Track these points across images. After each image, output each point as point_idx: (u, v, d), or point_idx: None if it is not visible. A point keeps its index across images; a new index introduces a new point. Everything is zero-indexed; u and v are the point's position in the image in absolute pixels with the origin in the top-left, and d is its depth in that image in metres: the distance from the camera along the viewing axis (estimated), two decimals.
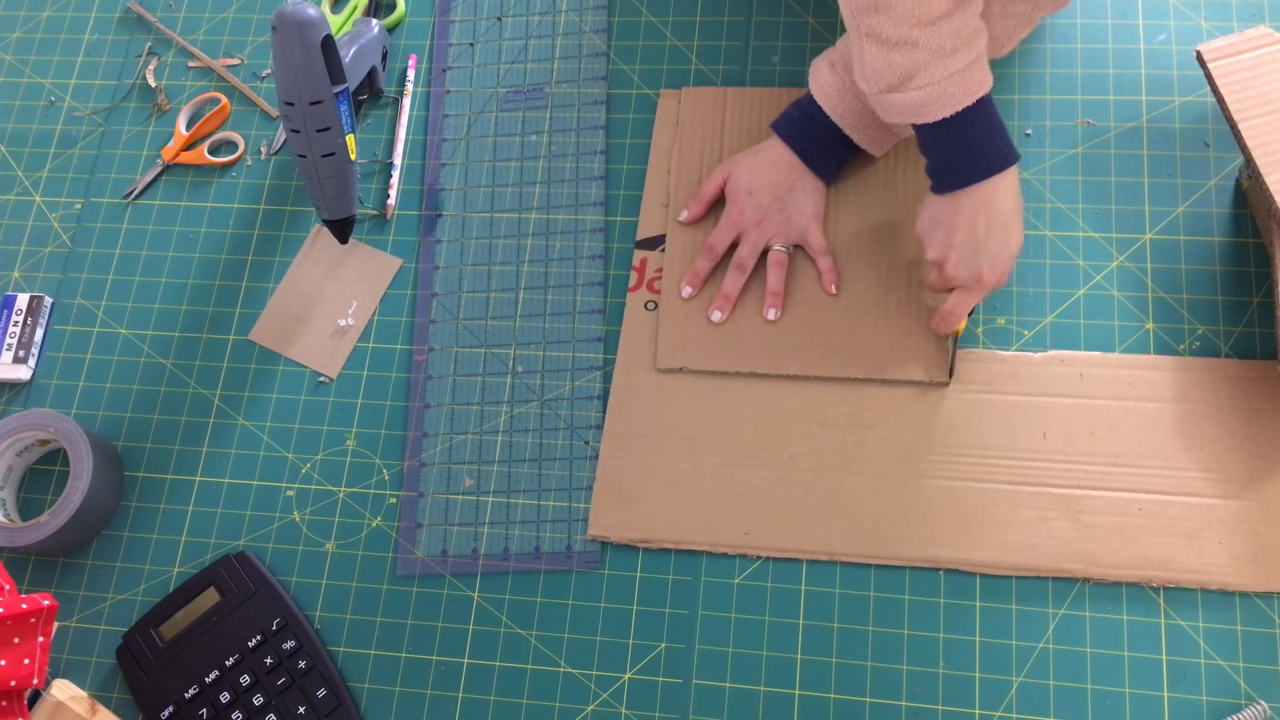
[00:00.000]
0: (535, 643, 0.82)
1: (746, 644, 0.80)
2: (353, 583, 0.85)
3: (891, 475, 0.82)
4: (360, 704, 0.82)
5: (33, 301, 0.96)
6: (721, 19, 0.99)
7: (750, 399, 0.85)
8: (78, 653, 0.86)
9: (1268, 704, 0.74)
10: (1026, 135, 0.91)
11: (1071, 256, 0.88)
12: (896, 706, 0.77)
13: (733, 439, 0.84)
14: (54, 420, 0.87)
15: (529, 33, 1.02)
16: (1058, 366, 0.84)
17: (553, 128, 0.98)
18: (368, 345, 0.92)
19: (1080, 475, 0.80)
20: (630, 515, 0.83)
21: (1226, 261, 0.86)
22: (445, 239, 0.95)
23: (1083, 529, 0.79)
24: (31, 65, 1.08)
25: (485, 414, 0.89)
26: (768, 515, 0.82)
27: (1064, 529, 0.79)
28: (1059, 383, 0.83)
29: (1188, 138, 0.90)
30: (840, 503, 0.82)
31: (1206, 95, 0.90)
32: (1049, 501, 0.80)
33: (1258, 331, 0.84)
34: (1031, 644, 0.78)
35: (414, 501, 0.87)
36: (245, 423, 0.91)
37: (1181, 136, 0.90)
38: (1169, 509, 0.79)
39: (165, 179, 1.01)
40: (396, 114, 1.00)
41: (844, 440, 0.83)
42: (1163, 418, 0.81)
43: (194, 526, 0.88)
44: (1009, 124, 0.88)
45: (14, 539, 0.84)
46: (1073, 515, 0.79)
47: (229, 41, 1.06)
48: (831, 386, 0.85)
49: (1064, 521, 0.79)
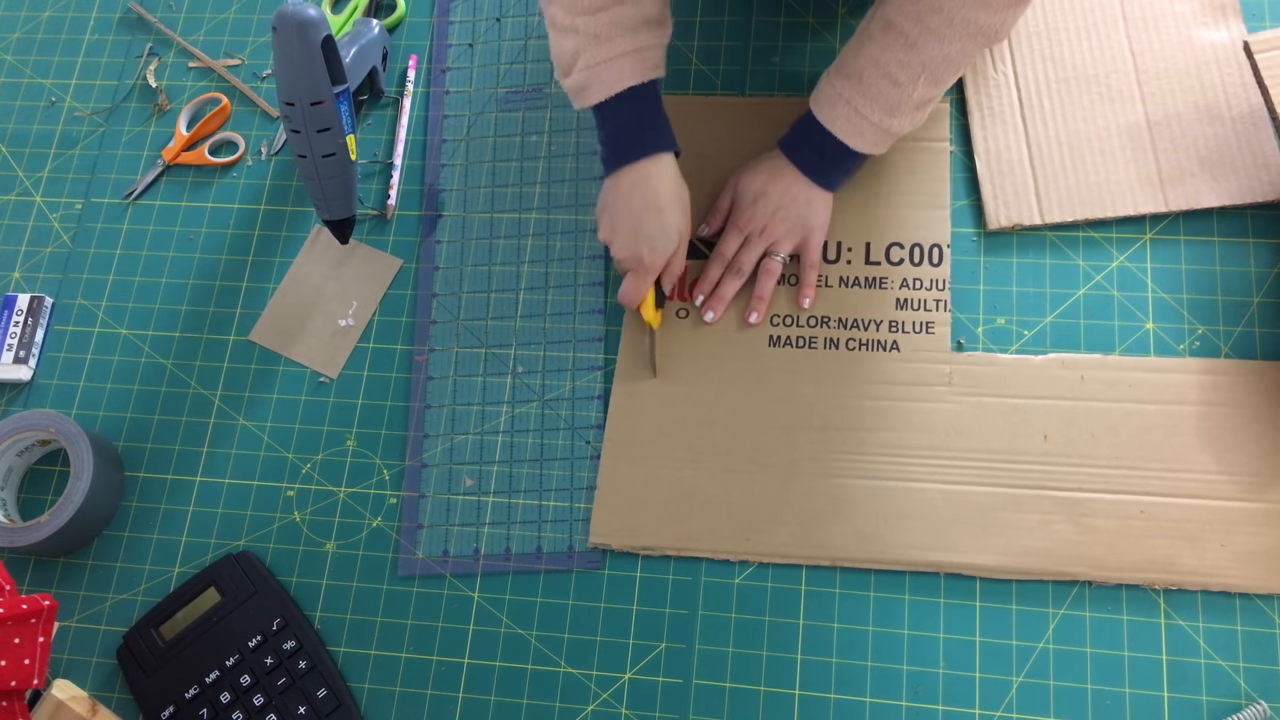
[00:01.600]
0: (535, 643, 0.82)
1: (746, 644, 0.80)
2: (353, 583, 0.85)
3: (892, 479, 0.82)
4: (360, 704, 0.82)
5: (33, 302, 0.96)
6: (721, 19, 0.99)
7: (750, 405, 0.85)
8: (78, 653, 0.86)
9: (1268, 704, 0.74)
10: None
11: (1071, 256, 0.88)
12: (896, 706, 0.77)
13: (732, 445, 0.84)
14: (54, 420, 0.87)
15: (529, 33, 1.02)
16: (1058, 369, 0.84)
17: (553, 128, 0.98)
18: (368, 345, 0.92)
19: (1082, 478, 0.80)
20: (631, 523, 0.83)
21: (1226, 262, 0.86)
22: (445, 239, 0.95)
23: (1085, 532, 0.79)
24: (32, 66, 1.08)
25: (486, 414, 0.89)
26: (768, 521, 0.82)
27: (1066, 532, 0.79)
28: (1060, 385, 0.83)
29: None
30: (841, 508, 0.82)
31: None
32: (1051, 504, 0.80)
33: (1258, 331, 0.84)
34: (1031, 644, 0.78)
35: (415, 502, 0.87)
36: (246, 423, 0.91)
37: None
38: (1171, 511, 0.79)
39: (166, 179, 1.01)
40: (397, 114, 1.01)
41: (845, 444, 0.83)
42: (1164, 420, 0.81)
43: (194, 526, 0.88)
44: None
45: (14, 539, 0.84)
46: (1075, 518, 0.79)
47: (229, 42, 1.06)
48: (830, 391, 0.85)
49: (1066, 525, 0.79)
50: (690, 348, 0.88)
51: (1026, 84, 0.92)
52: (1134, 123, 0.89)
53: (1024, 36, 0.93)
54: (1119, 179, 0.88)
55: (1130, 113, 0.90)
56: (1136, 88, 0.90)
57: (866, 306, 0.87)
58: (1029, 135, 0.90)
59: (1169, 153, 0.88)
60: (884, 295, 0.87)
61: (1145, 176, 0.88)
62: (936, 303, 0.86)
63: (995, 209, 0.89)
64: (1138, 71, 0.91)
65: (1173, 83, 0.90)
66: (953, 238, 0.89)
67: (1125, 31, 0.92)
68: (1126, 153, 0.89)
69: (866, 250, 0.89)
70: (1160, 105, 0.90)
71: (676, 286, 0.89)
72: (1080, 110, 0.90)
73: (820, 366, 0.86)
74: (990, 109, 0.92)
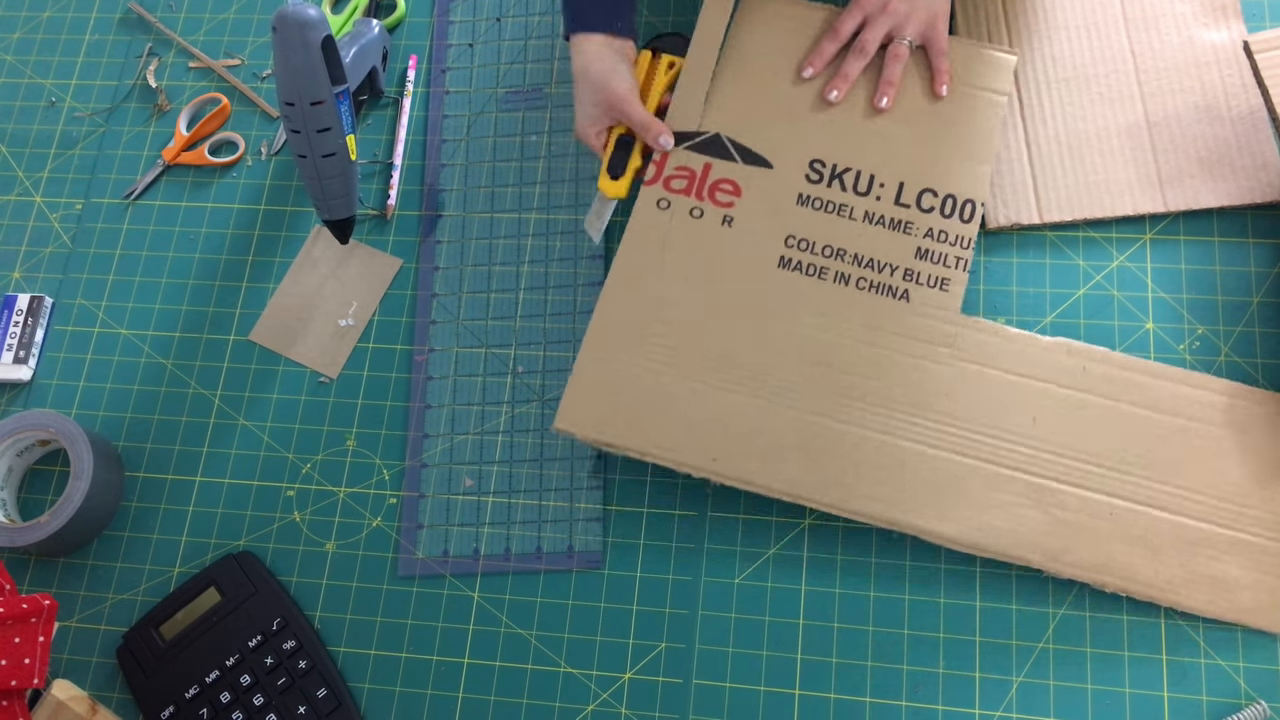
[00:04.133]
0: (535, 643, 0.82)
1: (746, 644, 0.80)
2: (353, 583, 0.85)
3: (871, 430, 0.80)
4: (360, 704, 0.82)
5: (33, 302, 0.96)
6: None
7: (745, 323, 0.82)
8: (78, 653, 0.86)
9: (1267, 704, 0.74)
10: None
11: (1071, 256, 0.88)
12: (896, 706, 0.77)
13: (718, 359, 0.81)
14: (54, 420, 0.87)
15: (528, 33, 1.02)
16: (1063, 355, 0.82)
17: (552, 128, 0.98)
18: (368, 345, 0.92)
19: (1061, 468, 0.79)
20: (601, 416, 0.81)
21: (1226, 262, 0.86)
22: (445, 239, 0.95)
23: (1052, 522, 0.78)
24: (32, 66, 1.08)
25: (486, 414, 0.89)
26: (739, 445, 0.79)
27: (1032, 518, 0.78)
28: (1061, 371, 0.81)
29: None
30: (815, 446, 0.79)
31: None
32: (1024, 488, 0.78)
33: (1258, 331, 0.84)
34: (1031, 644, 0.78)
35: (415, 502, 0.87)
36: (246, 423, 0.91)
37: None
38: (1140, 519, 0.78)
39: (166, 179, 1.01)
40: (397, 114, 1.01)
41: (834, 384, 0.81)
42: (1156, 429, 0.80)
43: (194, 526, 0.88)
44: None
45: (14, 539, 0.84)
46: (1045, 507, 0.78)
47: (229, 42, 1.06)
48: (830, 326, 0.82)
49: (1035, 511, 0.78)
50: (698, 250, 0.85)
51: (1026, 83, 0.92)
52: (1134, 123, 0.89)
53: (1024, 36, 0.93)
54: (1118, 179, 0.88)
55: (1130, 113, 0.90)
56: (1136, 87, 0.90)
57: (886, 248, 0.84)
58: (1028, 135, 0.90)
59: (1168, 153, 0.88)
60: (906, 241, 0.85)
61: (1144, 176, 0.88)
62: (957, 260, 0.84)
63: (995, 208, 0.89)
64: (1138, 71, 0.91)
65: (1173, 83, 0.90)
66: None
67: (1125, 31, 0.92)
68: (1126, 152, 0.89)
69: (899, 190, 0.86)
70: (1160, 105, 0.90)
71: (656, 169, 0.87)
72: (1080, 110, 0.90)
73: (826, 299, 0.83)
74: None
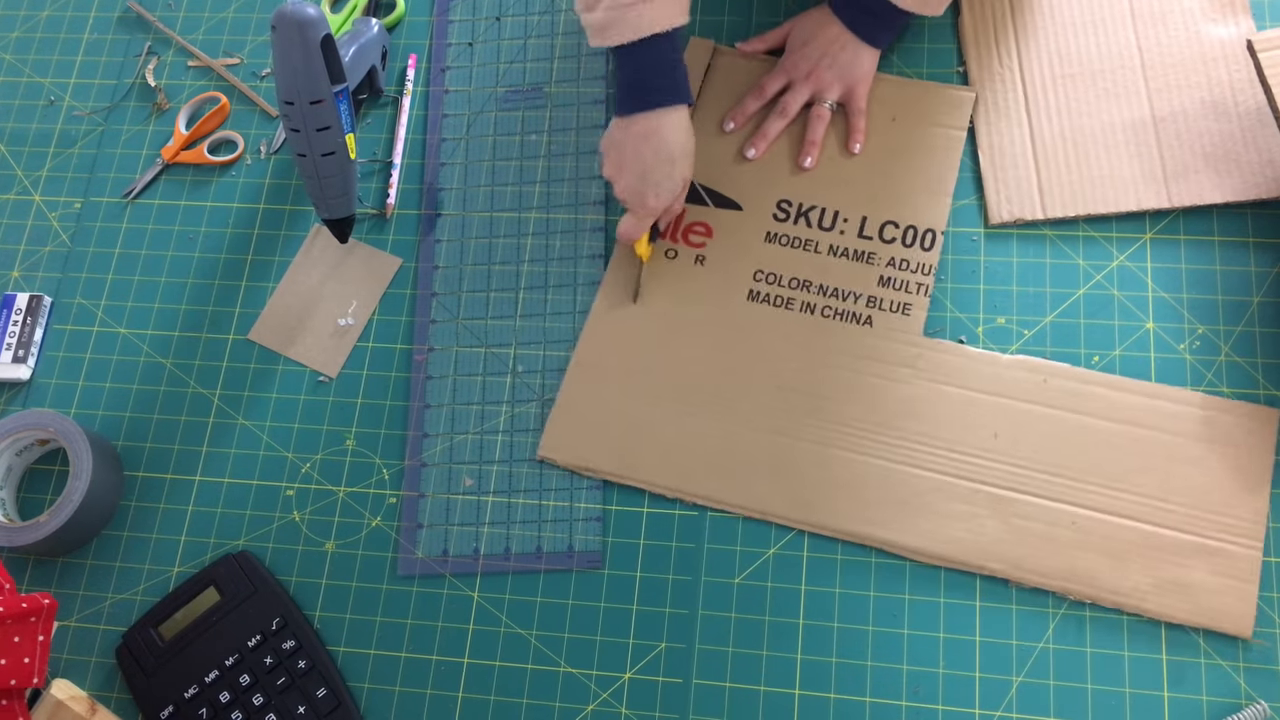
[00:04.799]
0: (535, 642, 0.82)
1: (746, 644, 0.80)
2: (353, 582, 0.85)
3: (835, 447, 0.83)
4: (360, 704, 0.82)
5: (32, 301, 0.96)
6: (722, 19, 0.99)
7: (716, 353, 0.87)
8: (77, 652, 0.86)
9: (1268, 704, 0.74)
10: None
11: (1072, 256, 0.88)
12: (896, 706, 0.77)
13: (691, 387, 0.86)
14: (54, 420, 0.87)
15: (528, 32, 1.02)
16: (1023, 371, 0.84)
17: (552, 127, 0.97)
18: (368, 345, 0.92)
19: (1021, 479, 0.81)
20: (581, 444, 0.85)
21: (1227, 261, 0.86)
22: (445, 238, 0.95)
23: (1012, 531, 0.79)
24: (31, 64, 1.08)
25: (486, 413, 0.89)
26: (709, 465, 0.84)
27: (992, 528, 0.80)
28: (1021, 387, 0.83)
29: None
30: (781, 466, 0.83)
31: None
32: (984, 499, 0.81)
33: (1258, 331, 0.84)
34: (1031, 644, 0.78)
35: (414, 501, 0.87)
36: (245, 422, 0.91)
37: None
38: (1102, 527, 0.79)
39: (165, 178, 1.01)
40: (396, 113, 1.00)
41: (800, 406, 0.84)
42: (1116, 439, 0.81)
43: (194, 526, 0.88)
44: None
45: (14, 539, 0.84)
46: (1004, 517, 0.80)
47: (229, 41, 1.06)
48: (796, 353, 0.86)
49: (994, 521, 0.80)
50: (672, 288, 0.89)
51: (1032, 79, 0.92)
52: (1139, 118, 0.89)
53: (1030, 31, 0.93)
54: (1123, 174, 0.88)
55: (1136, 108, 0.90)
56: (1142, 83, 0.90)
57: (849, 278, 0.88)
58: (1033, 130, 0.90)
59: (1174, 148, 0.88)
60: (869, 270, 0.88)
61: (1149, 172, 0.88)
62: (919, 286, 0.87)
63: (998, 203, 0.89)
64: (1144, 67, 0.91)
65: (1179, 78, 0.90)
66: (954, 237, 0.89)
67: (1132, 26, 0.92)
68: (1131, 148, 0.88)
69: (862, 223, 0.90)
70: (1166, 101, 0.89)
71: (671, 226, 0.91)
72: (1085, 105, 0.90)
73: (793, 328, 0.87)
74: (995, 103, 0.92)
